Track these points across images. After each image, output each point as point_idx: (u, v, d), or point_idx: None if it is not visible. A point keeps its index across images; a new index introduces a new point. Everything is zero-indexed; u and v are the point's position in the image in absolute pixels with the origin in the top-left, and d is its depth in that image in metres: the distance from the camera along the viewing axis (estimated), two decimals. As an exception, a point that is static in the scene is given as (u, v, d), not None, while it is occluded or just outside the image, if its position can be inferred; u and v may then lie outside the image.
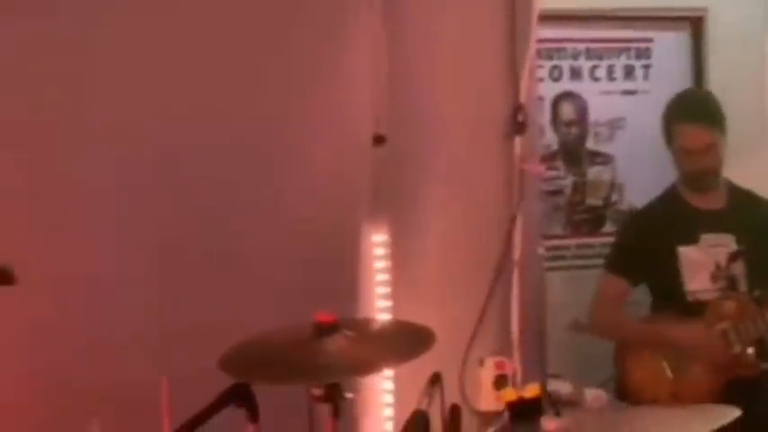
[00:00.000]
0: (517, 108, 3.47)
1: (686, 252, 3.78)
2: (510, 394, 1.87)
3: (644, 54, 4.63)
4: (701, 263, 3.77)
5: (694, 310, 3.73)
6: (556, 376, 3.92)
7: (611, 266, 3.92)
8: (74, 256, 3.10)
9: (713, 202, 3.84)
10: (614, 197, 4.63)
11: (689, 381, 3.66)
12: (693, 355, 3.65)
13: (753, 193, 3.92)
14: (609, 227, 4.60)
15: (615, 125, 4.61)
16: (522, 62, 3.48)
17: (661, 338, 3.73)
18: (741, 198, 3.88)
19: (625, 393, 3.79)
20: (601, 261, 4.06)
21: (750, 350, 3.65)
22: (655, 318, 3.86)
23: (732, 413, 1.87)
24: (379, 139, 3.32)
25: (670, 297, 3.80)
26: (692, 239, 3.78)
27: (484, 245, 3.48)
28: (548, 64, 4.52)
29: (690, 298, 3.77)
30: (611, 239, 4.35)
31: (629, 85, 4.62)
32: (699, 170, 3.80)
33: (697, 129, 3.78)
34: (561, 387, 3.88)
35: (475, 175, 3.48)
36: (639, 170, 4.56)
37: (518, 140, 3.48)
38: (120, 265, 3.14)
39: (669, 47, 4.68)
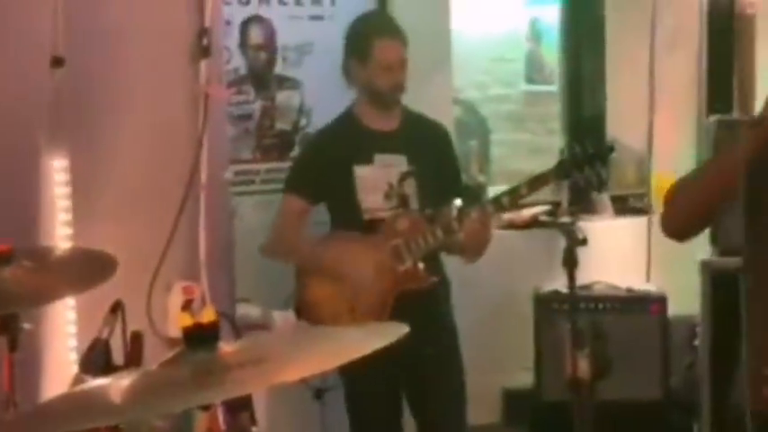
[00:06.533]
0: (202, 31, 3.42)
1: (361, 171, 3.85)
2: (185, 319, 1.84)
3: (330, -21, 4.67)
4: (376, 182, 3.86)
5: (371, 227, 3.83)
6: (245, 300, 3.96)
7: (289, 185, 3.97)
8: None
9: (388, 123, 3.93)
10: (303, 122, 4.67)
11: (365, 295, 3.78)
12: (367, 271, 3.77)
13: (423, 116, 4.05)
14: (298, 151, 4.64)
15: (303, 50, 4.63)
16: (207, -15, 3.43)
17: (330, 260, 3.82)
18: (413, 120, 4.00)
19: (304, 311, 3.86)
20: (291, 186, 4.08)
21: (421, 265, 3.81)
22: (332, 236, 3.93)
23: (401, 329, 1.94)
24: (57, 61, 3.20)
25: (348, 215, 3.88)
26: (366, 159, 3.85)
27: (170, 169, 3.43)
28: (235, -13, 4.48)
29: (366, 216, 3.86)
30: (299, 164, 4.36)
31: (316, 11, 4.65)
32: (393, 86, 3.84)
33: (394, 43, 3.83)
34: (250, 310, 3.94)
35: (160, 98, 3.41)
36: (327, 95, 4.60)
37: (203, 64, 3.44)
38: None
39: (355, -27, 4.73)
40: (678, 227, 2.76)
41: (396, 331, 1.94)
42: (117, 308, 2.60)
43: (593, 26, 5.56)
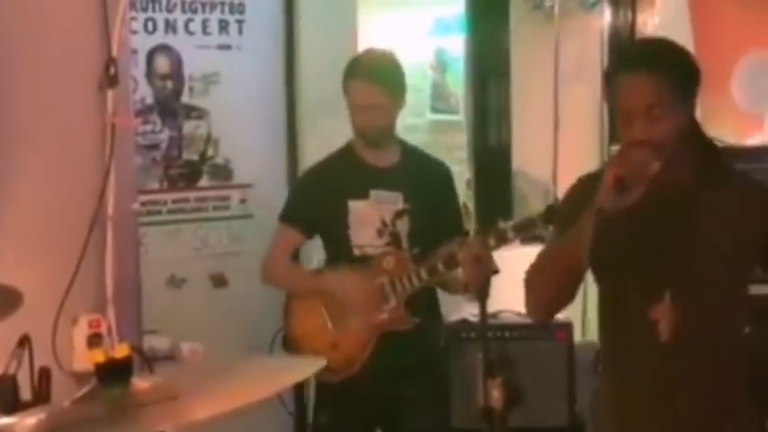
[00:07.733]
0: (109, 61, 3.38)
1: (356, 206, 3.82)
2: (98, 356, 1.81)
3: (238, 9, 4.66)
4: (369, 218, 3.82)
5: (361, 263, 3.81)
6: (152, 331, 3.91)
7: (284, 216, 3.95)
8: None
9: (386, 159, 3.89)
10: (210, 152, 4.64)
11: (347, 332, 3.75)
12: (352, 307, 3.74)
13: (424, 153, 4.05)
14: (205, 181, 4.61)
15: (210, 80, 4.60)
16: (113, 14, 3.39)
17: (320, 289, 3.80)
18: (413, 156, 3.97)
19: (290, 344, 3.85)
20: (198, 215, 4.05)
21: (402, 307, 3.78)
22: (322, 270, 3.92)
23: (317, 364, 1.93)
24: (-41, 91, 3.14)
25: (339, 249, 3.86)
26: (362, 194, 3.83)
27: (77, 200, 3.38)
28: (142, 16, 4.43)
29: (357, 252, 3.83)
30: (207, 194, 4.35)
31: (223, 40, 4.63)
32: (370, 127, 3.83)
33: (367, 86, 3.80)
34: (158, 342, 3.89)
35: (66, 128, 3.37)
36: (234, 125, 4.60)
37: (110, 94, 3.40)
38: None
39: (262, 2, 4.73)
40: (540, 313, 2.84)
41: (312, 366, 1.94)
42: (24, 342, 2.55)
43: (498, 56, 5.64)
